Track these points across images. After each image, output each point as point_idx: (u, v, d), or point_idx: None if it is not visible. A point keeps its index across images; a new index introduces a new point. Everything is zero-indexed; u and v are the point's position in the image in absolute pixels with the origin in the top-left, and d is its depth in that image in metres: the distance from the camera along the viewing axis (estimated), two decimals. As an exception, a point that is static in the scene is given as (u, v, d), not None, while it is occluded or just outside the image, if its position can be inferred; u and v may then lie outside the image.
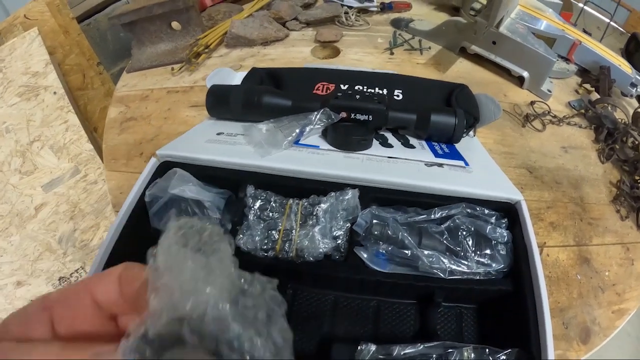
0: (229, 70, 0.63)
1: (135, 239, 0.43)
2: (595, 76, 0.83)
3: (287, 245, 0.40)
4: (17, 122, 0.83)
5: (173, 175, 0.44)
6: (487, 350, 0.37)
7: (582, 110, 0.78)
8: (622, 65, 0.83)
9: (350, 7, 0.85)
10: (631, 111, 0.76)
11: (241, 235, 0.41)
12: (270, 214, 0.42)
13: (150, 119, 0.69)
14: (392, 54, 0.76)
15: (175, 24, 0.78)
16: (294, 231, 0.40)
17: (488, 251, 0.42)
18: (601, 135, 0.74)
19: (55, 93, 0.83)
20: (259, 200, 0.42)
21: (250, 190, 0.43)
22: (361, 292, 0.43)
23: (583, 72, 0.86)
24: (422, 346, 0.38)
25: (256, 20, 0.78)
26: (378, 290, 0.42)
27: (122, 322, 0.20)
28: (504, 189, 0.46)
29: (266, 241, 0.40)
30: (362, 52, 0.77)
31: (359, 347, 0.36)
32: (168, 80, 0.75)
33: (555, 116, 0.73)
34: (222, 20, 0.84)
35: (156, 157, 0.48)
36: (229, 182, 0.46)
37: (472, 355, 0.38)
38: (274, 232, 0.41)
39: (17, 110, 0.83)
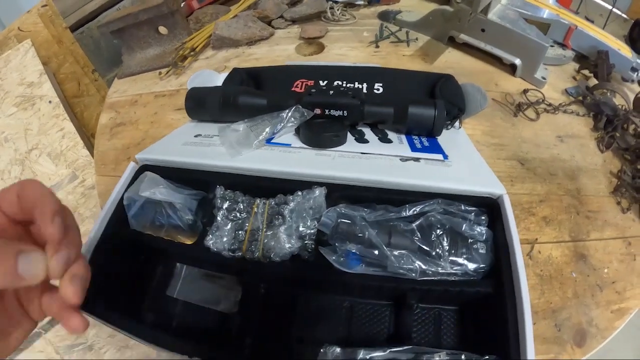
0: (210, 72, 0.63)
1: (116, 240, 0.44)
2: (593, 61, 0.79)
3: (253, 245, 0.39)
4: (15, 132, 0.85)
5: (144, 178, 0.43)
6: (462, 356, 0.35)
7: (580, 98, 0.74)
8: (622, 49, 0.79)
9: (336, 2, 0.84)
10: (632, 97, 0.72)
11: (210, 236, 0.41)
12: (238, 214, 0.41)
13: (138, 124, 0.69)
14: (377, 47, 0.74)
15: (162, 29, 0.78)
16: (260, 231, 0.40)
17: (464, 250, 0.40)
18: (600, 123, 0.70)
19: (50, 102, 0.85)
20: (227, 201, 0.42)
21: (219, 191, 0.42)
22: (334, 292, 0.42)
23: (581, 58, 0.82)
24: (388, 351, 0.36)
25: (240, 20, 0.77)
26: (349, 291, 0.41)
27: (33, 230, 0.28)
28: (484, 183, 0.43)
29: (233, 241, 0.40)
30: (347, 47, 0.75)
31: (321, 350, 0.35)
32: (156, 84, 0.76)
33: (550, 104, 0.69)
34: (209, 23, 0.83)
35: (135, 161, 0.48)
36: (202, 183, 0.46)
37: (446, 360, 0.37)
38: (241, 232, 0.40)
39: (15, 120, 0.85)
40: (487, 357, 0.34)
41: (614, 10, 1.07)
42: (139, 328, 0.39)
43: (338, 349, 0.35)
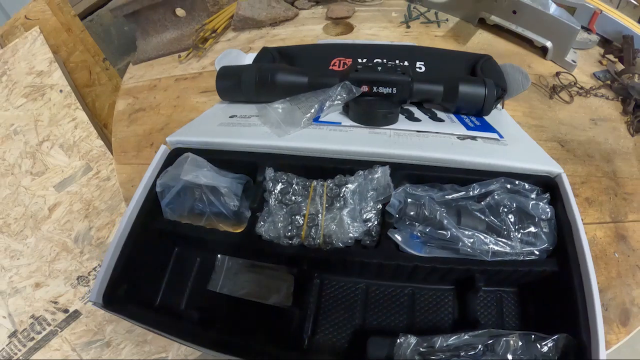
0: (238, 51, 0.58)
1: (148, 233, 0.39)
2: (618, 46, 0.77)
3: (313, 231, 0.35)
4: (24, 124, 0.79)
5: (185, 160, 0.39)
6: (532, 336, 0.33)
7: (608, 82, 0.71)
8: (646, 33, 0.77)
9: (361, -17, 0.79)
10: (660, 80, 0.70)
11: (262, 223, 0.36)
12: (293, 197, 0.37)
13: (160, 108, 0.64)
14: (408, 27, 0.70)
15: (179, 11, 0.73)
16: (320, 215, 0.35)
17: (532, 229, 0.37)
18: (629, 107, 0.68)
19: (61, 91, 0.79)
20: (280, 184, 0.37)
21: (270, 173, 0.38)
22: (394, 279, 0.38)
23: (605, 43, 0.80)
24: (466, 335, 0.33)
25: (263, 0, 0.72)
26: (413, 277, 0.37)
27: None
28: (542, 162, 0.41)
29: (290, 227, 0.36)
30: (377, 27, 0.71)
31: (398, 340, 0.32)
32: (175, 68, 0.71)
33: (582, 87, 0.67)
34: (228, 4, 0.78)
35: (167, 145, 0.44)
36: (246, 166, 0.41)
37: (519, 343, 0.34)
38: (298, 217, 0.36)
39: (24, 112, 0.79)
40: (556, 336, 0.32)
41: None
42: (179, 328, 0.35)
43: (414, 339, 0.31)
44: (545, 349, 0.33)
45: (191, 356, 1.06)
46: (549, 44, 0.67)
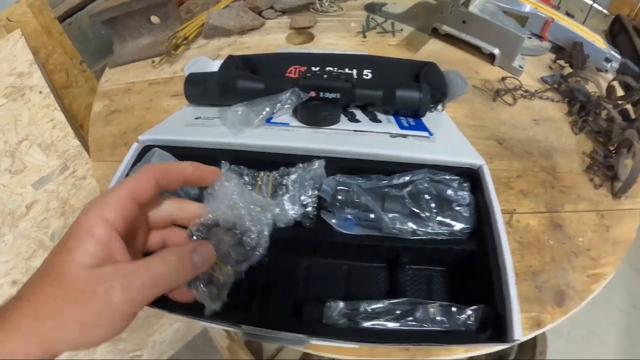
0: (206, 58, 0.67)
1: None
2: (569, 52, 0.86)
3: (259, 214, 0.44)
4: (5, 123, 0.87)
5: (152, 155, 0.48)
6: (452, 308, 0.40)
7: (555, 85, 0.81)
8: (597, 41, 0.86)
9: (325, -6, 0.89)
10: (605, 85, 0.80)
11: (217, 208, 0.45)
12: (244, 186, 0.46)
13: (134, 110, 0.73)
14: (364, 37, 0.80)
15: (154, 18, 0.82)
16: (265, 201, 0.45)
17: (449, 212, 0.46)
18: (574, 108, 0.77)
19: (40, 92, 0.87)
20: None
21: (225, 165, 0.47)
22: (333, 256, 0.47)
23: (557, 50, 0.89)
24: (387, 302, 0.41)
25: (232, 10, 0.82)
26: (348, 254, 0.46)
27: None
28: (466, 156, 0.50)
29: (239, 211, 0.45)
30: (336, 37, 0.81)
31: (327, 304, 0.40)
32: (149, 72, 0.79)
33: (526, 90, 0.76)
34: (200, 13, 0.88)
35: (138, 142, 0.52)
36: (207, 161, 0.49)
37: (439, 311, 0.42)
38: (247, 202, 0.45)
39: (5, 111, 0.87)
40: (475, 306, 0.40)
41: (595, 5, 1.13)
42: None
43: (342, 303, 0.40)
44: (463, 316, 0.40)
45: (165, 354, 1.13)
46: (496, 51, 0.77)
